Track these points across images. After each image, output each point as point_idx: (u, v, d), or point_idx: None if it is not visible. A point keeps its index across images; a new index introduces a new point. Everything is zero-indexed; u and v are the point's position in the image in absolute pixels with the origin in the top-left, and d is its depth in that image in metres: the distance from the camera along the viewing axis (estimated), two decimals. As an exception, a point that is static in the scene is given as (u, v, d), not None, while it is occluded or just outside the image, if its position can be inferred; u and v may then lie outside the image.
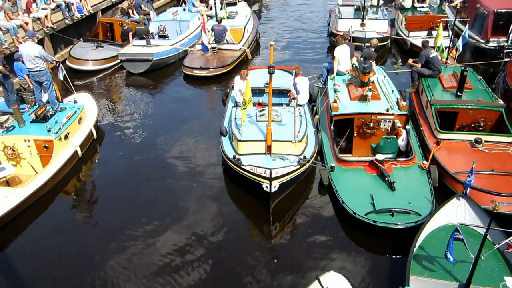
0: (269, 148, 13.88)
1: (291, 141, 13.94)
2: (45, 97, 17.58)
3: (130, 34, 25.83)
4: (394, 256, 12.19)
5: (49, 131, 15.57)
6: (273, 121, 14.16)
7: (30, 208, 14.21)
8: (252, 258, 12.26)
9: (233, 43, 25.50)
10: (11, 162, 15.51)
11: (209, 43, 24.84)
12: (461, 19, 25.71)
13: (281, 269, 11.90)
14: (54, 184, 15.24)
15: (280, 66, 19.34)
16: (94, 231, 13.60)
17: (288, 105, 16.16)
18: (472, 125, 15.81)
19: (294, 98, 15.12)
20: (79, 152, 16.55)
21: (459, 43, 19.84)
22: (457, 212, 12.04)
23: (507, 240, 9.42)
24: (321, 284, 9.89)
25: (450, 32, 22.60)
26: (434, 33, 23.07)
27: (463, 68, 16.51)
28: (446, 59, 19.85)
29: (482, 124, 15.66)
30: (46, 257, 12.56)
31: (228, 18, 27.26)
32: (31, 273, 11.98)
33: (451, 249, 9.91)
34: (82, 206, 14.90)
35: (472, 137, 15.16)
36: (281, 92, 17.14)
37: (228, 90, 19.64)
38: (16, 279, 11.83)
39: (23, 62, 17.10)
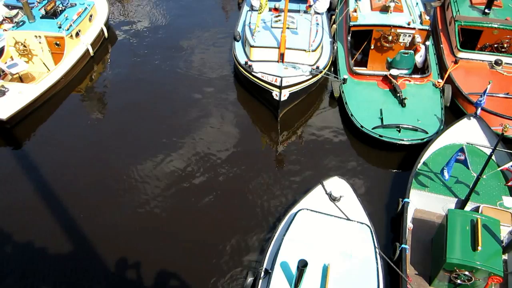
0: (282, 56, 13.61)
1: (305, 50, 13.60)
2: (54, -9, 17.03)
3: None
4: (398, 171, 12.46)
5: (59, 27, 15.31)
6: (288, 28, 13.72)
7: (44, 104, 14.51)
8: (258, 163, 12.66)
9: None
10: (23, 59, 15.51)
11: None
12: None
13: (287, 174, 12.35)
14: (67, 82, 15.36)
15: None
16: (104, 128, 13.98)
17: (305, 12, 15.49)
18: (495, 45, 15.12)
19: (310, 6, 14.46)
20: (91, 50, 16.42)
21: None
22: (466, 131, 12.06)
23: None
24: (324, 188, 10.31)
25: None
26: None
27: (494, -18, 15.42)
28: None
29: (505, 45, 14.95)
30: (61, 150, 13.08)
31: None
32: (48, 166, 12.57)
33: (450, 167, 10.09)
34: (94, 104, 15.13)
35: (492, 58, 14.63)
36: (299, -2, 16.36)
37: (244, -7, 18.73)
38: (33, 171, 12.45)
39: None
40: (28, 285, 9.90)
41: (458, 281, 8.64)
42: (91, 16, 16.87)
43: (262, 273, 8.55)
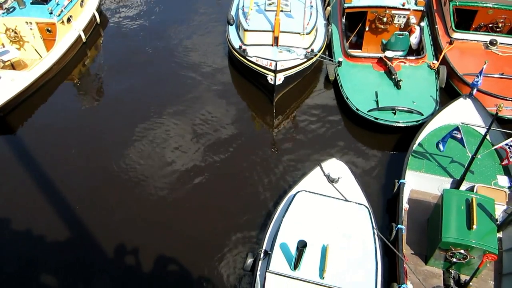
0: (276, 39, 13.51)
1: (299, 33, 13.49)
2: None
3: None
4: (394, 152, 12.52)
5: (50, 13, 15.08)
6: (282, 11, 13.59)
7: (37, 91, 14.37)
8: (255, 146, 12.68)
9: None
10: (14, 46, 15.27)
11: None
12: None
13: (284, 157, 12.39)
14: (59, 68, 15.19)
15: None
16: (99, 114, 13.89)
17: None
18: (490, 25, 15.11)
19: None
20: (83, 36, 16.20)
21: None
22: (461, 112, 12.10)
23: (506, 141, 9.61)
24: (322, 170, 10.36)
25: None
26: None
27: (489, -40, 15.31)
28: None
29: (500, 25, 14.95)
30: (55, 138, 13.03)
31: None
32: (42, 154, 12.51)
33: (444, 142, 10.18)
34: (88, 90, 14.99)
35: (487, 38, 14.61)
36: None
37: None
38: (27, 160, 12.37)
39: None
40: (27, 275, 9.95)
41: (454, 260, 8.79)
42: (82, 1, 16.61)
43: (262, 254, 8.63)
